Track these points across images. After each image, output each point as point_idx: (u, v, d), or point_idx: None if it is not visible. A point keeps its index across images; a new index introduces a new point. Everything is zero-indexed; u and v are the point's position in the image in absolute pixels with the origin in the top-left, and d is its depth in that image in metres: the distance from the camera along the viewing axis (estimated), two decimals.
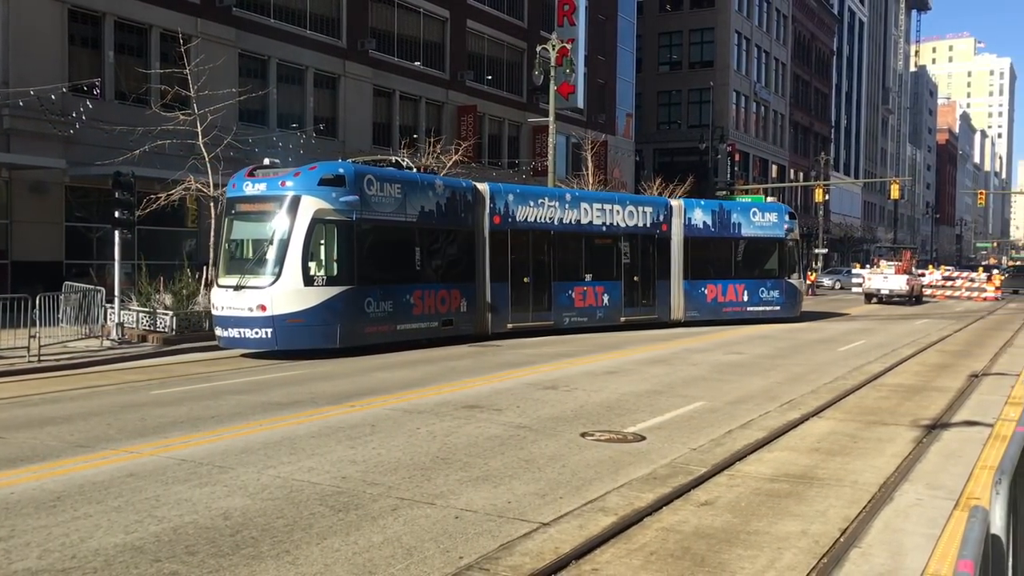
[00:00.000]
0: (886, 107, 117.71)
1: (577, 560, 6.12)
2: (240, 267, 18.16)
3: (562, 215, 24.14)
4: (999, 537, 2.60)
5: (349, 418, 10.89)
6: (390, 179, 19.50)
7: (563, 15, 44.86)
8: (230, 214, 18.62)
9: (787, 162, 77.65)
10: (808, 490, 8.07)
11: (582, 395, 12.99)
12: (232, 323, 17.46)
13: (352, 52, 35.06)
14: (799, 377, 15.60)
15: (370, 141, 35.83)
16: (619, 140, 54.57)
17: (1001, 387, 14.64)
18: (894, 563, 6.20)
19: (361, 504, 7.27)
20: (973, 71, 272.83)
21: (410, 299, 19.71)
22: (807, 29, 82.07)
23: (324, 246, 18.06)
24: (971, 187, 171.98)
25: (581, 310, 24.47)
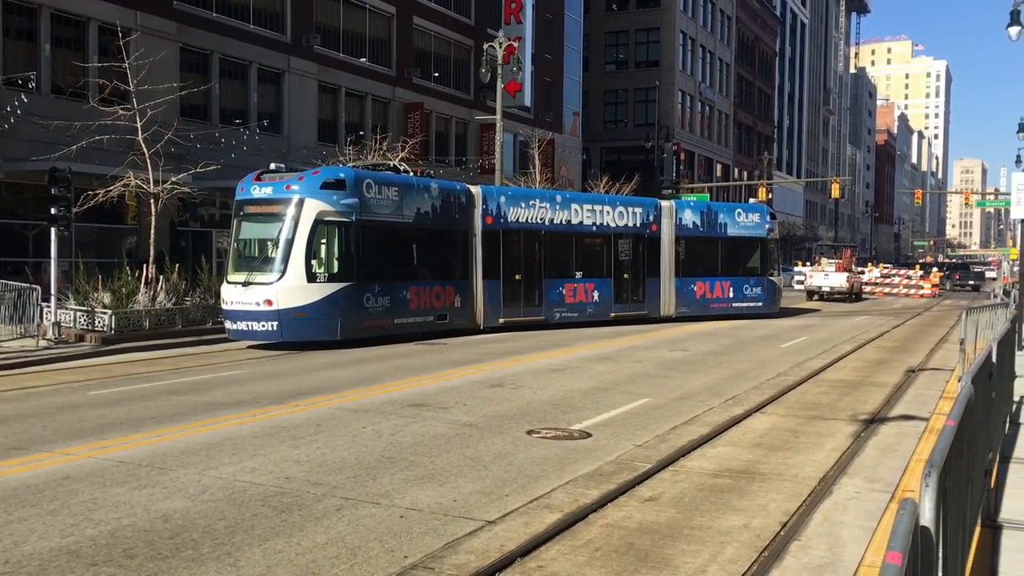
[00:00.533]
0: (827, 108, 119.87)
1: (522, 557, 6.13)
2: (248, 265, 19.37)
3: (553, 216, 25.24)
4: (928, 529, 2.66)
5: (293, 418, 10.78)
6: (387, 182, 20.81)
7: (510, 13, 44.88)
8: (239, 215, 19.86)
9: (732, 161, 78.68)
10: (750, 485, 8.18)
11: (529, 393, 13.02)
12: (241, 317, 18.67)
13: (297, 47, 34.67)
14: (742, 373, 15.82)
15: (315, 138, 35.47)
16: (566, 138, 54.78)
17: (936, 382, 15.01)
18: (832, 555, 6.32)
19: (305, 504, 7.19)
20: (910, 73, 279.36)
21: (406, 295, 20.89)
22: (750, 30, 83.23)
23: (326, 245, 19.27)
24: (909, 187, 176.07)
25: (571, 306, 25.52)
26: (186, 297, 20.56)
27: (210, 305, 20.78)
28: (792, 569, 6.05)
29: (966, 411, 4.20)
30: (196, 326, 20.20)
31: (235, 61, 32.31)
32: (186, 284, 20.87)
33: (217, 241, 31.83)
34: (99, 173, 22.18)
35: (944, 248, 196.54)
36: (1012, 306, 19.12)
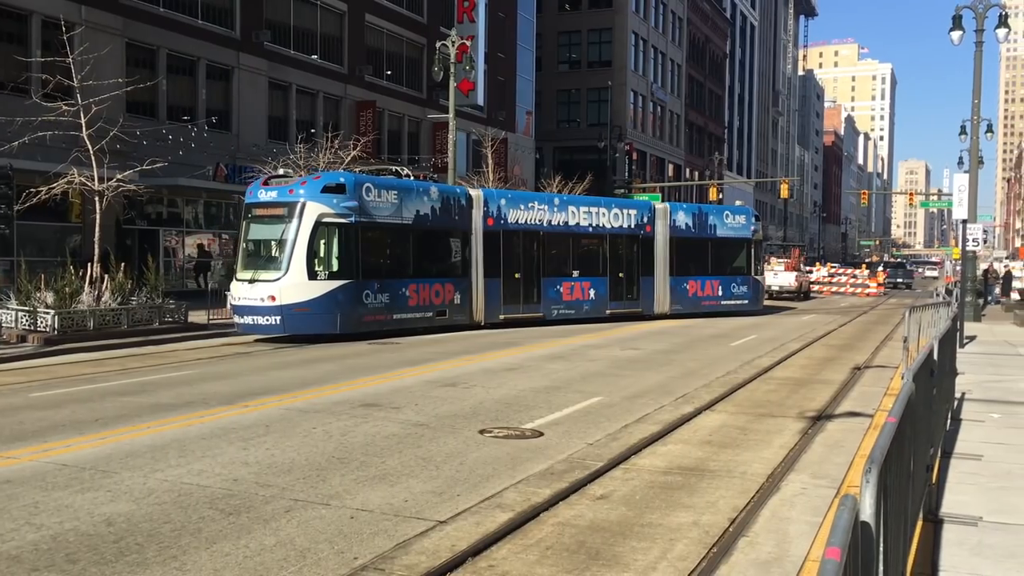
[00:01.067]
0: (776, 109, 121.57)
1: (473, 557, 6.12)
2: (254, 263, 20.62)
3: (551, 217, 26.48)
4: (868, 524, 2.71)
5: (242, 419, 10.64)
6: (387, 186, 21.88)
7: (463, 11, 44.82)
8: (246, 217, 21.11)
9: (683, 161, 79.43)
10: (700, 482, 8.26)
11: (481, 392, 13.00)
12: (247, 311, 19.88)
13: (246, 44, 34.26)
14: (693, 372, 15.97)
15: (266, 135, 35.09)
16: (519, 138, 54.86)
17: (881, 379, 15.29)
18: (780, 550, 6.40)
19: (253, 506, 7.10)
20: (857, 76, 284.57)
21: (405, 292, 22.01)
22: (701, 32, 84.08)
23: (326, 245, 20.36)
24: (855, 187, 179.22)
25: (568, 303, 26.78)
26: (132, 297, 20.18)
27: (157, 305, 20.45)
28: (740, 565, 6.12)
29: (907, 408, 4.28)
30: (143, 326, 19.85)
31: (183, 57, 31.84)
32: (132, 284, 20.49)
33: (164, 239, 31.33)
34: (42, 170, 21.68)
35: (889, 248, 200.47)
36: (954, 305, 19.58)
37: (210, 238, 33.52)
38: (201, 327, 21.22)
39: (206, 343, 19.55)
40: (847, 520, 2.32)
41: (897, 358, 17.12)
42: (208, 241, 33.30)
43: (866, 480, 2.83)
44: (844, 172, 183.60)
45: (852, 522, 2.38)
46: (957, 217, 27.86)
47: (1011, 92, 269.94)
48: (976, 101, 28.51)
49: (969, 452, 8.70)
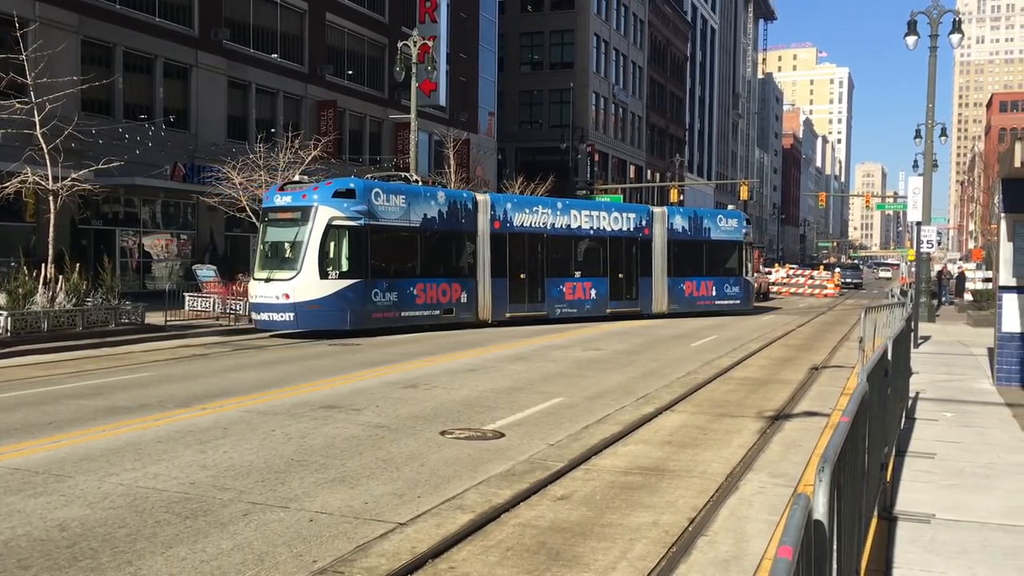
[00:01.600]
0: (736, 112, 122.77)
1: (434, 559, 6.10)
2: (270, 263, 21.86)
3: (554, 221, 27.78)
4: (822, 522, 2.74)
5: (200, 421, 10.51)
6: (395, 191, 23.15)
7: (425, 11, 44.71)
8: (264, 221, 22.49)
9: (644, 163, 79.91)
10: (660, 482, 8.31)
11: (442, 393, 12.97)
12: (264, 308, 21.25)
13: (205, 42, 33.87)
14: (654, 372, 16.07)
15: (225, 135, 34.73)
16: (481, 138, 54.84)
17: (838, 379, 15.51)
18: (738, 549, 6.46)
19: (210, 510, 7.02)
20: (815, 79, 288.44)
21: (413, 291, 23.29)
22: (663, 34, 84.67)
23: (336, 246, 21.60)
24: (813, 189, 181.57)
25: (571, 302, 28.02)
26: (87, 298, 19.86)
27: (113, 306, 20.15)
28: (699, 564, 6.16)
29: (861, 407, 4.35)
30: (98, 328, 19.54)
31: (140, 55, 31.41)
32: (87, 284, 20.16)
33: (121, 240, 30.88)
34: None
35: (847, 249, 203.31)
36: (908, 306, 19.90)
37: (168, 238, 33.09)
38: (158, 328, 20.94)
39: (163, 345, 19.30)
40: (800, 519, 2.35)
41: (854, 358, 17.37)
42: (167, 241, 32.88)
43: (819, 479, 2.87)
44: (803, 174, 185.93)
45: (805, 521, 2.41)
46: (912, 219, 28.36)
47: (965, 97, 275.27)
48: (931, 105, 29.00)
49: (923, 450, 8.84)
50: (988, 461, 8.48)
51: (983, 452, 8.88)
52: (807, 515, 2.47)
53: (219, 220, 32.25)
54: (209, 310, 23.83)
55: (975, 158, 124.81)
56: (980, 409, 11.58)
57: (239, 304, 23.45)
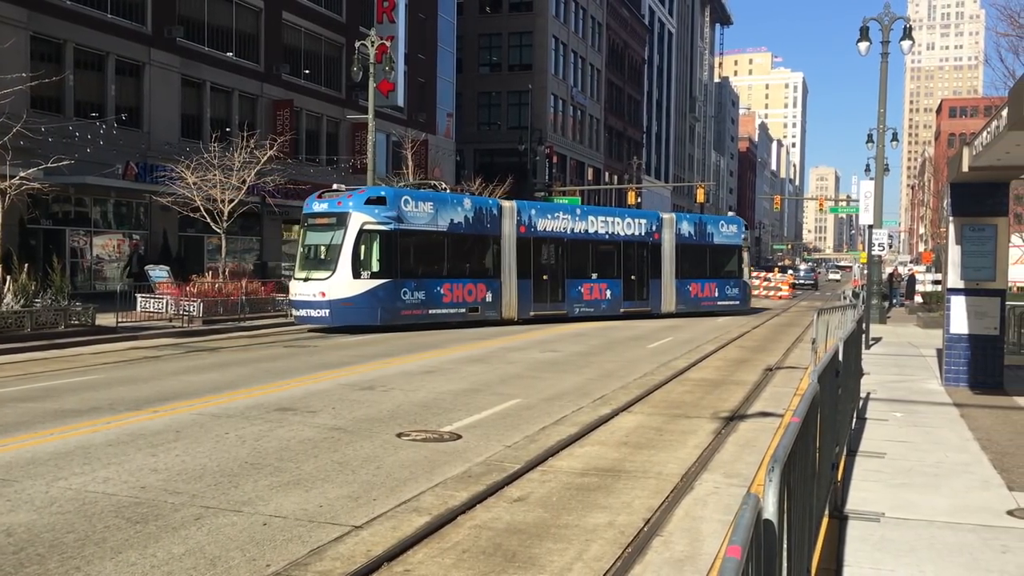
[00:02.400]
0: (693, 115, 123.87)
1: (389, 562, 6.07)
2: (309, 264, 23.92)
3: (573, 226, 29.66)
4: (771, 522, 2.77)
5: (151, 424, 10.35)
6: (423, 198, 25.03)
7: (383, 11, 44.50)
8: (303, 226, 24.67)
9: (602, 165, 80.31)
10: (616, 483, 8.34)
11: (399, 395, 12.92)
12: (303, 305, 23.32)
13: (158, 39, 33.38)
14: (611, 373, 16.15)
15: (179, 134, 34.26)
16: (440, 139, 54.72)
17: (792, 379, 15.71)
18: (692, 549, 6.51)
19: (162, 514, 6.91)
20: (770, 84, 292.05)
21: (440, 290, 25.09)
22: (620, 37, 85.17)
23: (368, 248, 23.49)
24: (769, 192, 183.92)
25: (588, 302, 29.91)
26: (36, 299, 19.47)
27: (62, 307, 19.77)
28: (654, 564, 6.20)
29: (811, 408, 4.41)
30: (47, 329, 19.16)
31: (91, 52, 30.88)
32: (36, 285, 19.76)
33: (71, 240, 30.32)
34: None
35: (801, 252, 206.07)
36: (860, 307, 20.22)
37: (120, 238, 32.56)
38: (110, 330, 20.59)
39: (114, 347, 18.99)
40: (749, 519, 2.37)
41: (807, 359, 17.60)
42: (118, 241, 32.35)
43: (769, 479, 2.90)
44: (758, 177, 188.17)
45: (754, 520, 2.43)
46: (864, 222, 28.86)
47: (915, 102, 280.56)
48: (882, 110, 29.50)
49: (873, 450, 8.99)
50: (936, 460, 8.64)
51: (931, 451, 9.05)
52: (757, 515, 2.50)
53: (172, 220, 31.79)
54: (162, 311, 23.50)
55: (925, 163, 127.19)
56: (929, 409, 11.80)
57: (193, 305, 23.15)
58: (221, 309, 24.02)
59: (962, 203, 13.64)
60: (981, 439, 9.72)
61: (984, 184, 13.22)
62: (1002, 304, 13.76)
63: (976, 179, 12.79)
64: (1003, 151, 10.28)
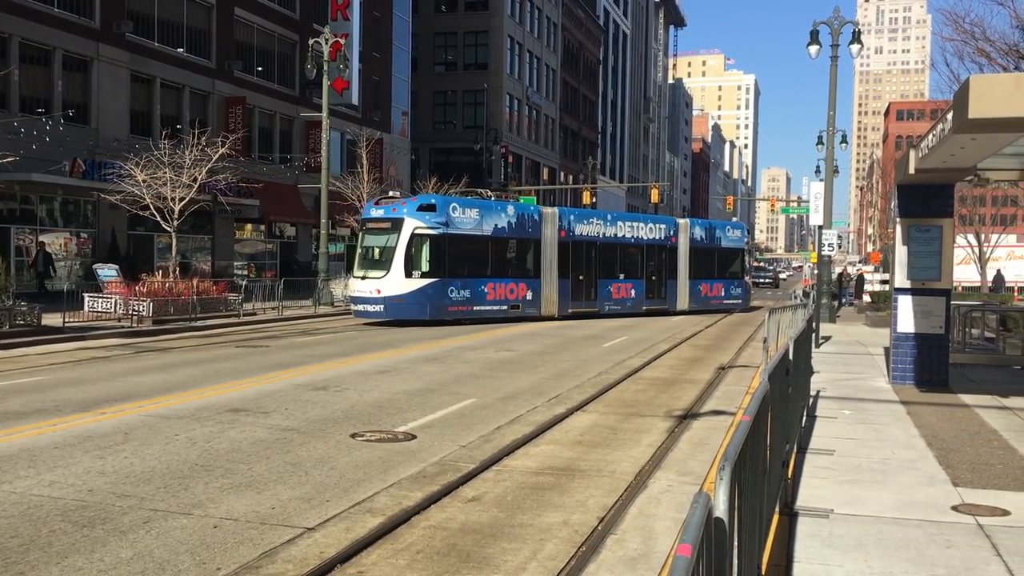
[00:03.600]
0: (647, 116, 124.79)
1: (342, 564, 6.03)
2: (366, 264, 26.45)
3: (604, 230, 32.11)
4: (722, 520, 2.80)
5: (99, 426, 10.15)
6: (470, 205, 27.63)
7: (337, 9, 44.17)
8: (362, 229, 27.34)
9: (558, 165, 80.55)
10: (571, 482, 8.37)
11: (354, 395, 12.83)
12: (360, 301, 26.04)
13: (106, 34, 32.77)
14: (566, 373, 16.20)
15: (128, 130, 33.66)
16: (395, 138, 54.47)
17: (744, 378, 15.89)
18: (646, 547, 6.56)
19: (109, 518, 6.79)
20: (723, 85, 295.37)
21: (484, 289, 27.52)
22: (575, 38, 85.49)
23: (419, 251, 25.90)
24: (722, 193, 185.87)
25: (616, 300, 32.39)
26: None
27: (7, 307, 19.32)
28: (608, 562, 6.23)
29: (762, 407, 4.46)
30: None
31: (38, 46, 30.21)
32: None
33: (16, 238, 29.66)
34: None
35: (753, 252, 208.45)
36: (810, 307, 20.53)
37: (67, 237, 31.91)
38: (56, 330, 20.18)
39: (62, 347, 18.61)
40: (700, 517, 2.39)
41: (759, 358, 17.83)
42: (65, 240, 31.71)
43: (720, 478, 2.93)
44: (711, 178, 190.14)
45: (704, 519, 2.45)
46: (814, 223, 29.28)
47: (864, 105, 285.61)
48: (831, 113, 29.96)
49: (823, 447, 9.13)
50: (883, 457, 8.80)
51: (879, 448, 9.21)
52: (707, 513, 2.52)
53: (121, 219, 31.24)
54: (111, 311, 23.07)
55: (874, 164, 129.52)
56: (877, 407, 12.01)
57: (142, 305, 22.77)
58: (172, 309, 23.67)
59: (909, 204, 13.90)
60: (927, 436, 9.92)
61: (930, 186, 13.50)
62: (947, 303, 14.05)
63: (922, 181, 13.05)
64: (948, 154, 10.50)
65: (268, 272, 40.65)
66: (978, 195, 47.31)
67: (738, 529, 3.30)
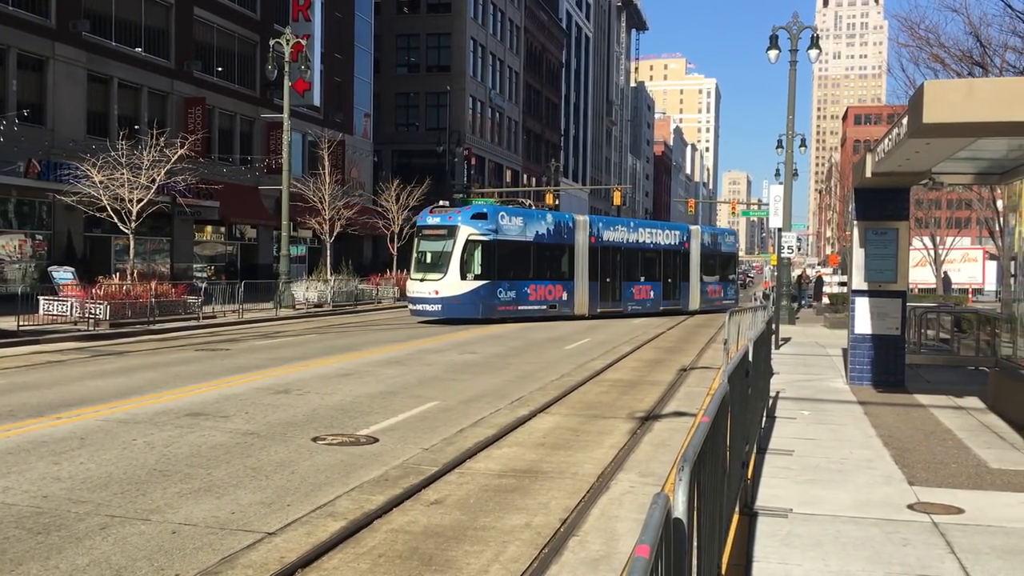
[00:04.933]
0: (610, 119, 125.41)
1: (303, 568, 5.99)
2: (423, 267, 28.82)
3: (628, 236, 35.13)
4: (681, 520, 2.82)
5: (54, 431, 9.98)
6: (515, 214, 30.68)
7: (298, 9, 43.88)
8: (418, 236, 29.68)
9: (521, 167, 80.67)
10: (533, 484, 8.39)
11: (315, 398, 12.74)
12: (419, 301, 28.40)
13: (63, 33, 32.26)
14: (529, 375, 16.22)
15: (84, 131, 33.16)
16: (357, 140, 54.20)
17: (705, 379, 16.02)
18: (608, 548, 6.58)
19: (65, 524, 6.68)
20: (685, 89, 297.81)
21: (527, 290, 30.17)
22: (538, 41, 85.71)
23: (472, 255, 28.44)
24: (683, 196, 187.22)
25: (637, 301, 35.13)
26: None
27: None
28: (570, 564, 6.25)
29: (721, 408, 4.50)
30: None
31: None
32: None
33: None
34: None
35: None
36: (770, 309, 20.75)
37: (21, 239, 31.33)
38: (10, 334, 19.80)
39: (16, 351, 18.26)
40: (659, 518, 2.41)
41: (720, 359, 17.98)
42: (20, 242, 31.13)
43: (679, 478, 2.96)
44: (673, 181, 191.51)
45: (663, 520, 2.47)
46: (774, 226, 29.62)
47: (823, 109, 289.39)
48: (791, 117, 30.33)
49: (782, 448, 9.23)
50: (841, 457, 8.92)
51: (837, 448, 9.34)
52: (666, 514, 2.54)
53: (78, 220, 30.76)
54: (67, 314, 22.70)
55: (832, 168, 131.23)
56: (835, 407, 12.18)
57: (99, 308, 22.43)
58: (130, 312, 23.33)
59: (866, 207, 14.12)
60: (884, 436, 10.07)
61: (886, 189, 13.71)
62: (903, 305, 14.28)
63: (879, 184, 13.26)
64: (903, 157, 10.68)
65: (228, 274, 40.25)
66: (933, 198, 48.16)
67: (698, 529, 3.33)
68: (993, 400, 12.21)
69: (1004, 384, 11.79)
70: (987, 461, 8.85)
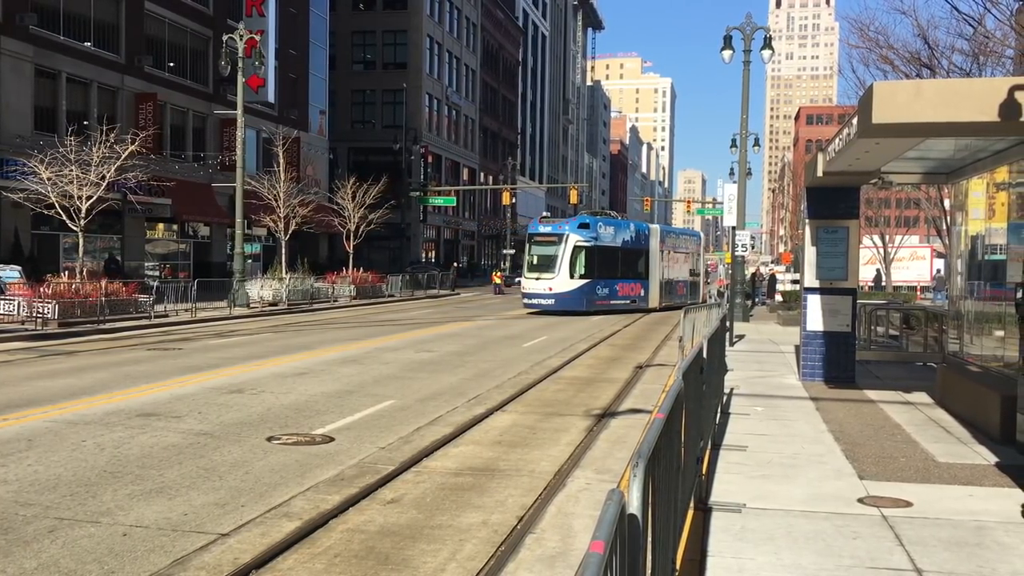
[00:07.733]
0: (566, 117, 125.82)
1: (258, 569, 5.93)
2: (537, 268, 34.66)
3: (677, 242, 43.23)
4: (636, 516, 2.84)
5: (1, 433, 9.76)
6: (608, 223, 37.14)
7: (252, 5, 43.40)
8: (530, 241, 35.86)
9: (478, 165, 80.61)
10: (490, 482, 8.39)
11: (270, 398, 12.62)
12: (534, 296, 34.19)
13: (9, 27, 31.53)
14: (486, 373, 16.21)
15: (31, 126, 32.46)
16: (312, 137, 53.73)
17: (661, 377, 16.15)
18: (564, 545, 6.61)
19: (12, 527, 6.54)
20: (640, 88, 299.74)
21: (616, 288, 36.16)
22: (495, 39, 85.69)
23: (576, 258, 34.18)
24: (640, 194, 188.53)
25: (679, 295, 41.36)
26: None
27: None
28: (527, 561, 6.26)
29: (676, 404, 4.54)
30: None
31: None
32: None
33: None
34: None
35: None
36: (724, 306, 20.97)
37: None
38: None
39: None
40: (613, 514, 2.43)
41: (675, 357, 18.12)
42: None
43: (633, 475, 2.98)
44: (629, 179, 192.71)
45: (618, 515, 2.49)
46: (728, 224, 29.95)
47: (776, 109, 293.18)
48: (744, 116, 30.66)
49: (736, 443, 9.34)
50: (793, 452, 9.05)
51: (789, 443, 9.47)
52: (621, 509, 2.56)
53: (25, 218, 30.10)
54: (13, 313, 22.22)
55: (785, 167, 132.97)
56: (787, 403, 12.35)
57: (47, 307, 21.98)
58: (79, 311, 22.90)
59: (817, 206, 14.33)
60: (835, 431, 10.23)
61: (837, 188, 13.93)
62: (853, 302, 14.52)
63: (830, 184, 13.46)
64: (853, 157, 10.85)
65: (181, 272, 39.67)
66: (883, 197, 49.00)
67: (652, 525, 3.36)
68: (941, 395, 12.46)
69: (951, 379, 12.04)
70: (935, 455, 9.03)
